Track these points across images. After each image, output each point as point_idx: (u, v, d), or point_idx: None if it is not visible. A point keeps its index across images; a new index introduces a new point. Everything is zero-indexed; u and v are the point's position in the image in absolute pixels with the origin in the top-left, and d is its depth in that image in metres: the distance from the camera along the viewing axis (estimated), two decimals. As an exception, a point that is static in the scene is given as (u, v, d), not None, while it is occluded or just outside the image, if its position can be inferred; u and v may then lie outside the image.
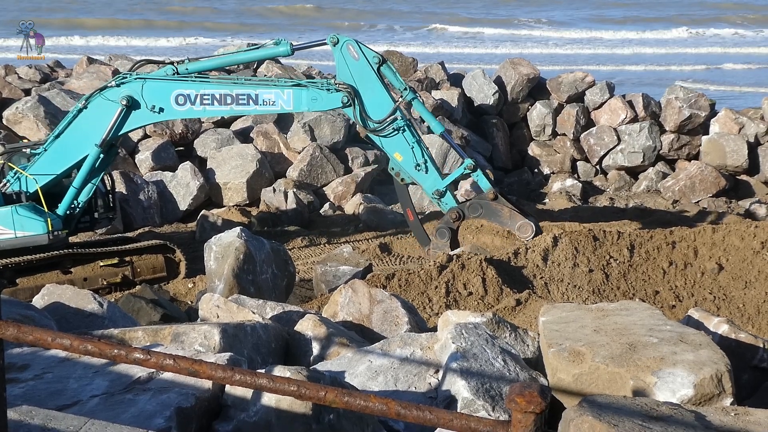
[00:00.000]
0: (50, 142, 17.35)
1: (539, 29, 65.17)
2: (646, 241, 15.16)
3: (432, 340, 7.22)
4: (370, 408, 3.43)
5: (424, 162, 17.02)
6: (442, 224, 17.28)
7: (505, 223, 17.23)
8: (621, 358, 6.01)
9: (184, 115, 18.45)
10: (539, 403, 3.10)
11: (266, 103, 16.93)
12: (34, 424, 4.76)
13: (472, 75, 29.49)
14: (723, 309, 13.65)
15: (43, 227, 16.80)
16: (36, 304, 9.11)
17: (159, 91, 16.99)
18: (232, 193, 24.29)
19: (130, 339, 7.33)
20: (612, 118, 28.21)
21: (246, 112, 17.89)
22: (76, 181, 17.42)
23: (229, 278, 13.38)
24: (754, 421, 5.11)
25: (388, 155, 17.38)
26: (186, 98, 16.90)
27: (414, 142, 16.99)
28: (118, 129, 17.24)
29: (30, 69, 29.19)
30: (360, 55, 17.01)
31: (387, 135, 16.95)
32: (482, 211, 17.19)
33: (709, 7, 76.30)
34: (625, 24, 70.25)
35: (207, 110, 17.27)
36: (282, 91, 16.87)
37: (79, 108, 17.26)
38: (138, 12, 74.41)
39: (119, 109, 16.90)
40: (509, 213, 17.09)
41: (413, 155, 16.96)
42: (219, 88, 16.94)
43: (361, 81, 16.93)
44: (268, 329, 7.95)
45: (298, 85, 17.12)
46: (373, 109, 16.89)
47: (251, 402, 5.57)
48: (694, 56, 52.94)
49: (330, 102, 16.94)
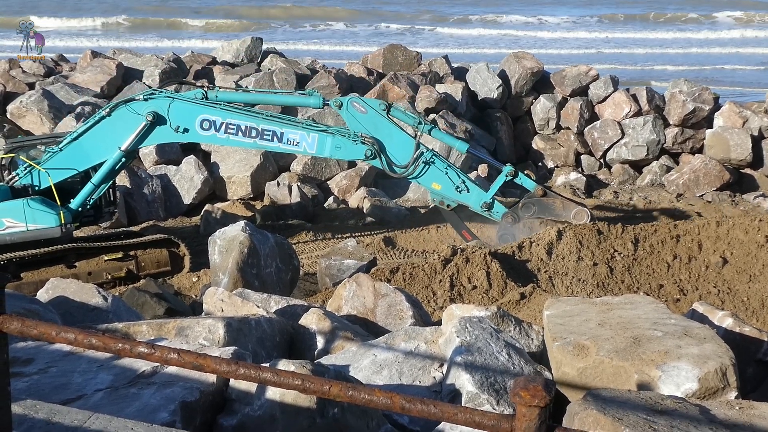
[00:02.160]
0: (67, 143, 17.40)
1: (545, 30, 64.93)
2: (651, 234, 15.15)
3: (436, 334, 7.23)
4: (375, 402, 3.43)
5: (463, 182, 17.29)
6: (502, 231, 17.45)
7: (559, 215, 17.35)
8: (625, 351, 6.01)
9: (207, 141, 18.57)
10: (543, 397, 3.10)
11: (290, 143, 17.13)
12: (38, 418, 4.76)
13: (476, 69, 29.43)
14: (727, 302, 13.65)
15: (56, 220, 16.88)
16: (40, 298, 9.13)
17: (186, 112, 17.12)
18: (236, 187, 24.28)
19: (134, 333, 7.34)
20: (616, 112, 28.14)
21: (268, 148, 17.94)
22: (96, 179, 17.56)
23: (234, 272, 13.39)
24: (758, 414, 5.10)
25: (428, 189, 17.71)
26: (211, 124, 17.04)
27: (446, 168, 17.24)
28: (140, 141, 17.45)
29: (34, 63, 29.19)
30: (367, 107, 17.28)
31: (420, 173, 17.22)
32: (535, 209, 17.40)
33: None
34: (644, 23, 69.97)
35: (230, 139, 17.39)
36: (308, 134, 17.07)
37: (102, 115, 17.37)
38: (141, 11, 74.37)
39: (143, 123, 17.03)
40: (562, 203, 17.44)
41: (450, 180, 17.24)
42: (246, 120, 17.07)
43: (377, 131, 17.17)
44: (273, 323, 7.95)
45: (325, 131, 17.25)
46: (397, 153, 17.16)
47: (256, 396, 5.57)
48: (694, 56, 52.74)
49: (353, 153, 17.28)
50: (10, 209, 16.77)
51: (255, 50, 30.24)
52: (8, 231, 16.80)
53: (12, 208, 16.78)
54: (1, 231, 16.83)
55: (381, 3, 75.35)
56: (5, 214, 16.76)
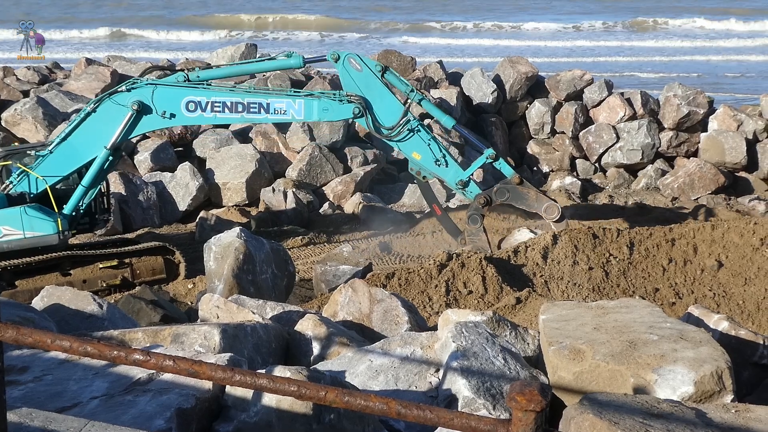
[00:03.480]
0: (57, 144, 17.34)
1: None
2: (646, 238, 15.17)
3: (432, 339, 7.22)
4: (371, 407, 3.42)
5: (443, 156, 17.41)
6: (472, 211, 17.67)
7: (531, 205, 17.67)
8: (621, 355, 6.01)
9: (194, 122, 18.60)
10: (540, 401, 3.10)
11: (277, 112, 17.17)
12: (33, 426, 4.75)
13: (470, 74, 29.47)
14: (723, 306, 13.67)
15: (54, 227, 16.85)
16: (35, 306, 9.10)
17: (170, 97, 17.14)
18: (232, 193, 24.27)
19: (129, 340, 7.32)
20: (611, 116, 28.19)
21: (257, 120, 18.03)
22: (85, 181, 17.46)
23: (229, 278, 13.38)
24: (754, 417, 5.11)
25: (407, 156, 17.77)
26: (197, 105, 17.06)
27: (429, 140, 17.36)
28: (128, 133, 17.42)
29: (28, 70, 29.19)
30: (363, 66, 17.31)
31: (403, 138, 17.29)
32: (509, 195, 17.63)
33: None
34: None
35: (217, 117, 17.47)
36: (293, 101, 17.11)
37: (87, 111, 17.32)
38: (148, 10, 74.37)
39: (129, 113, 17.02)
40: (536, 195, 17.69)
41: (431, 152, 17.33)
42: (230, 96, 17.12)
43: (369, 91, 17.22)
44: (269, 329, 7.94)
45: (311, 95, 17.37)
46: (384, 116, 17.21)
47: (252, 402, 5.56)
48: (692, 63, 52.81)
49: (341, 113, 17.31)
50: (7, 217, 16.69)
51: (249, 56, 30.24)
52: (5, 239, 16.73)
53: (9, 215, 16.70)
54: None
55: (375, 12, 75.48)
56: (2, 222, 16.68)
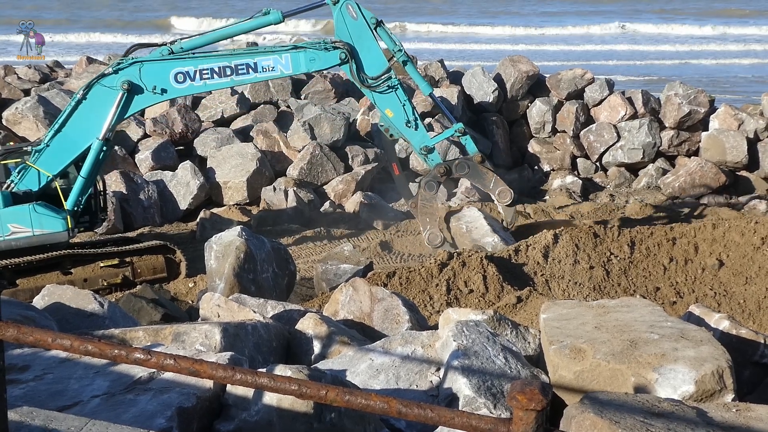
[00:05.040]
0: (52, 137, 17.26)
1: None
2: (647, 237, 15.17)
3: (433, 338, 7.22)
4: (372, 406, 3.42)
5: (414, 119, 17.73)
6: (429, 178, 18.09)
7: (487, 186, 18.27)
8: (622, 354, 6.01)
9: (185, 92, 18.55)
10: (540, 400, 3.10)
11: (266, 70, 17.33)
12: (34, 425, 4.75)
13: (471, 72, 29.44)
14: (724, 305, 13.67)
15: (63, 224, 16.87)
16: (36, 305, 9.10)
17: (157, 72, 17.16)
18: (233, 192, 24.27)
19: (130, 339, 7.33)
20: (612, 115, 28.16)
21: (247, 81, 18.14)
22: (84, 172, 17.34)
23: (230, 277, 13.37)
24: (755, 417, 5.11)
25: (380, 111, 18.12)
26: (185, 75, 17.12)
27: (405, 101, 17.69)
28: (123, 113, 17.38)
29: (29, 69, 29.17)
30: (358, 14, 17.56)
31: (381, 91, 17.60)
32: (468, 171, 18.17)
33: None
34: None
35: (208, 84, 17.51)
36: (280, 56, 17.30)
37: (78, 99, 17.22)
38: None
39: (120, 94, 16.99)
40: (493, 177, 18.23)
41: (404, 112, 17.65)
42: (217, 61, 17.21)
43: (359, 40, 17.49)
44: (269, 328, 7.94)
45: (295, 47, 17.53)
46: (368, 66, 17.52)
47: (252, 401, 5.56)
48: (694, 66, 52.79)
49: (328, 60, 17.48)
50: (16, 215, 16.68)
51: (250, 55, 30.19)
52: (14, 236, 16.73)
53: (17, 213, 16.68)
54: (6, 236, 16.76)
55: (375, 12, 75.35)
56: (10, 220, 16.66)
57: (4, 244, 16.79)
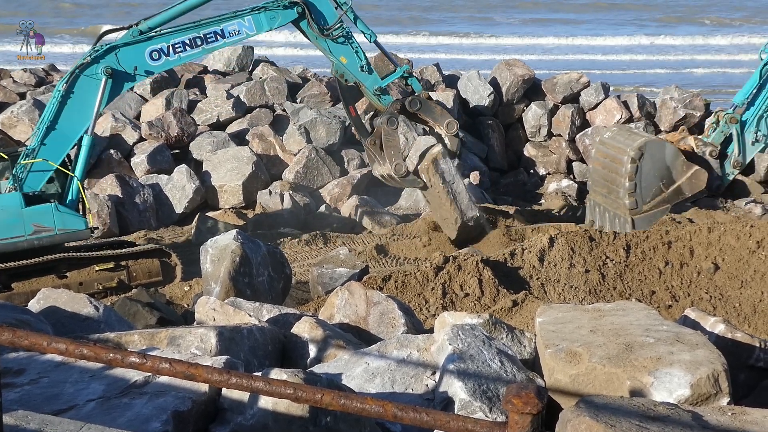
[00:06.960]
0: (45, 135, 17.28)
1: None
2: (642, 241, 15.17)
3: (429, 342, 7.22)
4: (367, 410, 3.42)
5: (367, 64, 18.98)
6: (389, 114, 19.10)
7: (437, 118, 19.59)
8: (618, 358, 6.01)
9: (162, 68, 19.25)
10: (536, 404, 3.10)
11: (233, 34, 18.28)
12: (30, 429, 4.75)
13: (467, 76, 29.50)
14: (719, 309, 13.67)
15: (85, 223, 17.44)
16: (32, 309, 9.09)
17: (133, 54, 17.62)
18: (228, 196, 24.26)
19: (126, 343, 7.31)
20: (607, 119, 28.21)
21: (216, 47, 19.16)
22: (78, 171, 17.55)
23: (226, 281, 13.36)
24: (750, 420, 5.11)
25: (335, 59, 18.91)
26: (159, 52, 17.73)
27: (357, 48, 18.85)
28: (110, 98, 17.97)
29: (25, 73, 29.14)
30: None
31: (336, 40, 18.64)
32: (421, 106, 19.28)
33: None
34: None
35: (182, 57, 18.20)
36: (243, 19, 18.30)
37: (63, 93, 17.30)
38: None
39: (104, 80, 17.31)
40: (440, 111, 19.84)
41: (357, 58, 18.79)
42: (187, 33, 17.89)
43: None
44: (265, 332, 7.93)
45: (255, 8, 18.36)
46: (322, 18, 18.53)
47: (248, 405, 5.56)
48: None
49: (287, 16, 18.51)
50: (38, 214, 16.93)
51: (246, 59, 30.25)
52: (36, 235, 16.95)
53: (39, 212, 16.94)
54: (29, 236, 16.92)
55: (373, 18, 75.46)
56: (33, 219, 16.88)
57: (26, 243, 16.99)
